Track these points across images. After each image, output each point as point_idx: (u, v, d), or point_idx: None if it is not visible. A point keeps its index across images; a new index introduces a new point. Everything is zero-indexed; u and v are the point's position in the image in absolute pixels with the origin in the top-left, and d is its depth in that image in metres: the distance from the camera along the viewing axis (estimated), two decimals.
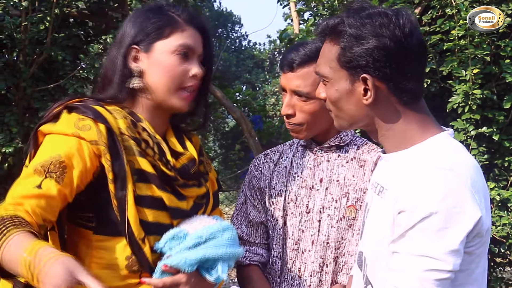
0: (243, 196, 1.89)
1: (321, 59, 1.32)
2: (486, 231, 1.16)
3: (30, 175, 1.29)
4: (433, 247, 1.10)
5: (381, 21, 1.21)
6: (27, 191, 1.26)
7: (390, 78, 1.22)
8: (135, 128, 1.43)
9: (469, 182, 1.14)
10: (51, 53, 3.31)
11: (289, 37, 3.87)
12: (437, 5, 3.02)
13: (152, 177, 1.41)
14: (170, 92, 1.45)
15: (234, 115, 3.56)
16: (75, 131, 1.33)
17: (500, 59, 2.91)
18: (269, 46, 16.01)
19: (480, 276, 1.21)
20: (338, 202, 1.72)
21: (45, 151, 1.33)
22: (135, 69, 1.45)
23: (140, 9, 1.55)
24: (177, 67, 1.44)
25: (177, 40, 1.45)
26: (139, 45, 1.45)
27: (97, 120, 1.37)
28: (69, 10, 3.47)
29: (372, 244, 1.31)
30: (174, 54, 1.44)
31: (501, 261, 3.48)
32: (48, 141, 1.36)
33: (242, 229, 1.84)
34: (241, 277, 1.83)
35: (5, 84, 3.22)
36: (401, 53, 1.21)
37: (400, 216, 1.16)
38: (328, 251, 1.71)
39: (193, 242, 1.36)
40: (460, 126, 2.88)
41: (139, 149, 1.41)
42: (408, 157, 1.24)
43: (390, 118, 1.27)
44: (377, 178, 1.39)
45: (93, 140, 1.34)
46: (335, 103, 1.30)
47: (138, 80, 1.45)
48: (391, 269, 1.17)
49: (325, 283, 1.72)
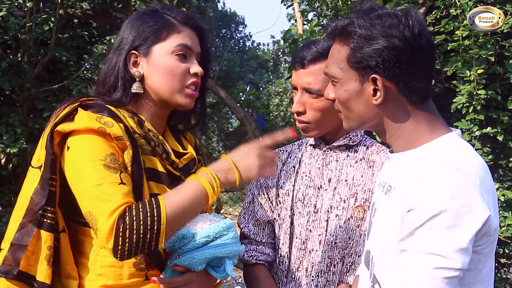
0: (250, 195, 1.88)
1: (330, 60, 1.32)
2: (494, 230, 1.16)
3: (105, 177, 1.29)
4: (442, 245, 1.10)
5: (391, 21, 1.21)
6: (118, 191, 1.29)
7: (399, 78, 1.23)
8: (142, 128, 1.45)
9: (477, 181, 1.14)
10: (56, 54, 3.32)
11: (293, 38, 3.87)
12: (441, 5, 3.01)
13: (163, 176, 1.44)
14: (175, 91, 1.48)
15: (238, 115, 3.56)
16: (100, 126, 1.34)
17: (505, 59, 2.90)
18: (273, 46, 16.05)
19: (487, 275, 1.21)
20: (346, 202, 1.71)
21: (89, 150, 1.33)
22: (136, 74, 1.47)
23: (136, 14, 1.57)
24: (177, 67, 1.47)
25: (175, 42, 1.47)
26: (138, 50, 1.47)
27: (114, 118, 1.39)
28: (73, 10, 3.49)
29: (380, 243, 1.31)
30: (173, 55, 1.47)
31: (505, 262, 3.47)
32: (81, 142, 1.35)
33: (249, 228, 1.84)
34: (248, 276, 1.83)
35: (9, 84, 3.23)
36: (410, 53, 1.22)
37: (409, 215, 1.16)
38: (335, 251, 1.71)
39: (202, 241, 1.40)
40: (464, 126, 2.88)
41: (150, 147, 1.44)
42: (417, 157, 1.25)
43: (399, 118, 1.27)
44: (385, 177, 1.39)
45: (119, 136, 1.36)
46: (344, 103, 1.30)
47: (139, 84, 1.47)
48: (399, 267, 1.17)
49: (332, 283, 1.71)
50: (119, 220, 1.24)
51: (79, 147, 1.34)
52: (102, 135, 1.35)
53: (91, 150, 1.33)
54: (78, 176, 1.33)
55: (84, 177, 1.31)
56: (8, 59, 3.28)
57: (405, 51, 1.21)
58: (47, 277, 1.35)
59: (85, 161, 1.32)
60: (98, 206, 1.27)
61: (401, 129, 1.28)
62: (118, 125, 1.37)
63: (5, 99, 3.60)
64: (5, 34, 3.31)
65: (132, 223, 1.25)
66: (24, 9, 3.31)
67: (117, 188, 1.29)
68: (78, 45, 3.64)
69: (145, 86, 1.49)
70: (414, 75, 1.23)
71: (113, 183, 1.30)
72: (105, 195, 1.28)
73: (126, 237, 1.25)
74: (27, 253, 1.35)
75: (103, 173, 1.30)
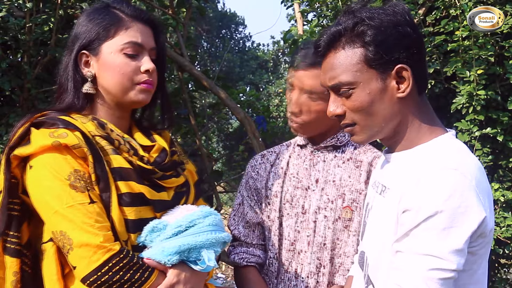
0: (240, 197, 1.89)
1: (336, 69, 1.26)
2: (490, 231, 1.16)
3: (73, 197, 1.27)
4: (437, 246, 1.10)
5: (391, 11, 1.22)
6: (91, 214, 1.28)
7: (416, 65, 1.23)
8: (104, 129, 1.41)
9: (474, 182, 1.14)
10: (56, 54, 3.32)
11: (293, 38, 3.86)
12: (441, 6, 3.01)
13: (130, 172, 1.39)
14: (125, 90, 1.43)
15: (238, 116, 3.56)
16: (55, 140, 1.30)
17: (505, 59, 2.90)
18: (273, 47, 16.03)
19: (482, 276, 1.21)
20: (334, 203, 1.71)
21: (51, 170, 1.30)
22: (87, 74, 1.44)
23: (88, 10, 1.51)
24: (126, 65, 1.42)
25: (123, 39, 1.42)
26: (88, 50, 1.43)
27: (68, 128, 1.35)
28: (73, 11, 3.48)
29: (375, 244, 1.31)
30: (121, 53, 1.42)
31: (505, 262, 3.46)
32: (42, 162, 1.31)
33: (239, 230, 1.84)
34: (238, 279, 1.83)
35: (9, 85, 3.23)
36: (417, 38, 1.23)
37: (404, 215, 1.16)
38: (324, 252, 1.71)
39: (173, 231, 1.33)
40: (464, 127, 2.88)
41: (113, 147, 1.40)
42: (413, 157, 1.24)
43: (413, 112, 1.27)
44: (379, 178, 1.38)
45: (75, 144, 1.32)
46: (367, 108, 1.24)
47: (91, 85, 1.43)
48: (394, 268, 1.17)
49: (322, 284, 1.71)
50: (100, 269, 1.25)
51: (41, 168, 1.31)
52: (61, 150, 1.31)
53: (53, 170, 1.29)
54: (44, 196, 1.29)
55: (52, 198, 1.28)
56: (8, 59, 3.27)
57: (413, 37, 1.21)
58: None
59: (50, 182, 1.29)
60: (74, 230, 1.25)
61: (410, 127, 1.27)
62: (72, 134, 1.33)
63: (5, 100, 3.60)
64: (5, 34, 3.31)
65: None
66: (24, 9, 3.31)
67: (87, 210, 1.27)
68: None
69: (97, 86, 1.44)
70: (422, 61, 1.25)
71: (82, 203, 1.27)
72: (79, 218, 1.26)
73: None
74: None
75: (71, 194, 1.27)
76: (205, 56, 15.28)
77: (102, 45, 1.42)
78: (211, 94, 5.17)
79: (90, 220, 1.26)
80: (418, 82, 1.25)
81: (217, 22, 16.82)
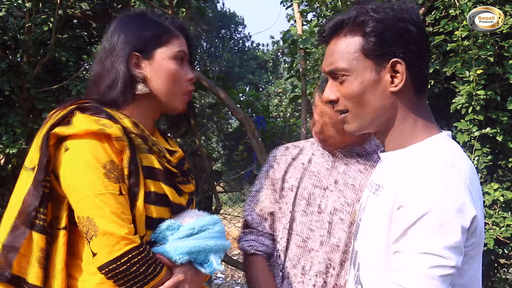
0: (258, 184, 1.90)
1: (335, 55, 1.28)
2: (480, 232, 1.17)
3: (106, 186, 1.33)
4: (435, 243, 1.10)
5: (398, 7, 1.23)
6: (120, 204, 1.34)
7: (413, 63, 1.23)
8: (138, 128, 1.46)
9: (467, 181, 1.15)
10: (55, 54, 3.32)
11: (292, 38, 3.86)
12: (440, 6, 3.01)
13: (160, 173, 1.45)
14: (174, 95, 1.52)
15: (237, 116, 3.56)
16: (100, 128, 1.35)
17: (504, 59, 2.90)
18: (273, 47, 16.03)
19: (473, 278, 1.22)
20: (351, 206, 1.72)
21: (90, 156, 1.34)
22: (138, 75, 1.49)
23: (125, 17, 1.58)
24: (178, 71, 1.51)
25: (175, 47, 1.51)
26: (139, 52, 1.49)
27: (111, 120, 1.40)
28: (73, 11, 3.47)
29: (367, 242, 1.31)
30: (174, 60, 1.50)
31: (505, 262, 3.46)
32: (81, 146, 1.36)
33: (252, 216, 1.85)
34: (245, 265, 1.85)
35: (9, 85, 3.23)
36: (419, 37, 1.23)
37: (399, 212, 1.16)
38: (336, 254, 1.71)
39: (186, 233, 1.42)
40: (463, 127, 2.88)
41: (147, 146, 1.45)
42: (408, 155, 1.25)
43: (407, 109, 1.27)
44: (374, 178, 1.39)
45: (119, 136, 1.37)
46: (358, 97, 1.26)
47: (143, 86, 1.49)
48: (394, 270, 1.17)
49: (329, 285, 1.71)
50: (120, 259, 1.30)
51: (79, 151, 1.35)
52: (101, 139, 1.35)
53: (91, 156, 1.34)
54: (77, 180, 1.34)
55: (85, 182, 1.32)
56: (8, 59, 3.27)
57: (416, 35, 1.22)
58: (38, 280, 1.35)
59: (86, 167, 1.33)
60: (101, 218, 1.30)
61: (404, 124, 1.27)
62: (116, 126, 1.38)
63: (5, 100, 3.60)
64: (4, 34, 3.31)
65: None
66: (23, 9, 3.30)
67: (117, 200, 1.33)
68: (78, 46, 3.63)
69: (148, 88, 1.50)
70: (422, 59, 1.25)
71: (113, 193, 1.32)
72: (108, 207, 1.31)
73: (121, 277, 1.32)
74: (19, 255, 1.34)
75: (104, 182, 1.32)
76: (204, 56, 15.29)
77: (155, 50, 1.50)
78: (211, 94, 5.18)
79: (118, 211, 1.32)
80: (416, 81, 1.25)
81: (217, 22, 16.82)
